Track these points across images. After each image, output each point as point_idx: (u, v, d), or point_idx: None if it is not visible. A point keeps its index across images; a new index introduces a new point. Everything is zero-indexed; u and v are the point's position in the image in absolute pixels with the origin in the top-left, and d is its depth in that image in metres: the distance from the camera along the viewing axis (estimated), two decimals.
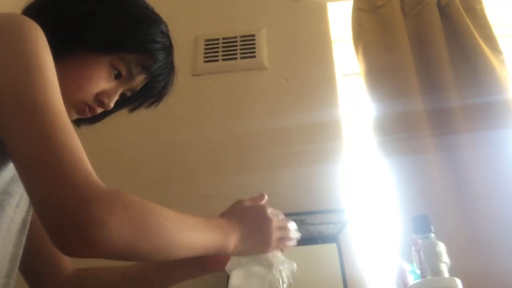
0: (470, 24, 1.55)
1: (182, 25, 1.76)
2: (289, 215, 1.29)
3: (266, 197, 0.88)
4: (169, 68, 0.86)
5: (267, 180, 1.44)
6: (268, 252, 0.76)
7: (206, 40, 1.73)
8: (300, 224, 0.80)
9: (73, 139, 0.56)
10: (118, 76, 0.80)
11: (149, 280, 0.90)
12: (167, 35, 0.85)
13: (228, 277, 0.76)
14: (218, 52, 1.70)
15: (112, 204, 0.52)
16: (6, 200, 0.67)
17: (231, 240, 0.70)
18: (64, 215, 0.50)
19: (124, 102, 0.88)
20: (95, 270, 0.93)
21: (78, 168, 0.53)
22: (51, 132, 0.55)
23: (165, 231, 0.58)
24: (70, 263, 0.92)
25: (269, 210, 0.79)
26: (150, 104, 0.91)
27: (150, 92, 0.88)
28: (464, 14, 1.57)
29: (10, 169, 0.67)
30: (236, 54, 1.69)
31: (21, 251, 0.75)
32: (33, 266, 0.87)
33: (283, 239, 0.80)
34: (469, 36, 1.53)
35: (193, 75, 1.69)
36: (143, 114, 1.60)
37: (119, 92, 0.82)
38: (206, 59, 1.69)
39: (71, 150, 0.54)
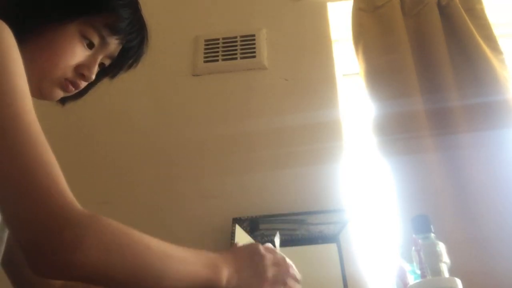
0: (470, 24, 1.55)
1: (182, 25, 1.76)
2: (289, 215, 1.30)
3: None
4: (140, 25, 0.84)
5: (268, 180, 1.44)
6: None
7: (206, 40, 1.72)
8: (300, 224, 0.80)
9: (46, 152, 0.54)
10: (91, 46, 0.78)
11: None
12: None
13: None
14: (218, 52, 1.70)
15: (85, 227, 0.51)
16: None
17: (224, 273, 0.67)
18: (37, 237, 0.49)
19: (104, 71, 0.87)
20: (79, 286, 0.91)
21: (53, 187, 0.52)
22: (23, 149, 0.53)
23: (142, 259, 0.56)
24: None
25: (263, 247, 0.78)
26: (129, 67, 0.89)
27: (127, 54, 0.86)
28: (464, 14, 1.57)
29: None
30: (236, 54, 1.68)
31: (2, 248, 0.74)
32: (25, 278, 0.86)
33: (281, 276, 0.77)
34: (469, 36, 1.53)
35: (193, 75, 1.69)
36: (144, 114, 1.61)
37: (98, 61, 0.80)
38: (206, 59, 1.69)
39: (45, 167, 0.53)
